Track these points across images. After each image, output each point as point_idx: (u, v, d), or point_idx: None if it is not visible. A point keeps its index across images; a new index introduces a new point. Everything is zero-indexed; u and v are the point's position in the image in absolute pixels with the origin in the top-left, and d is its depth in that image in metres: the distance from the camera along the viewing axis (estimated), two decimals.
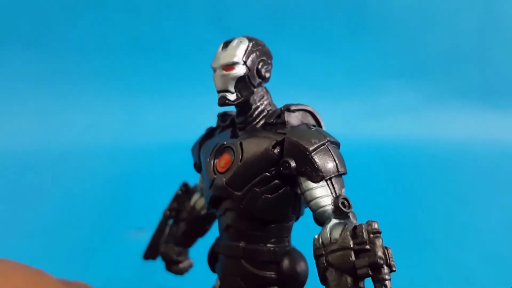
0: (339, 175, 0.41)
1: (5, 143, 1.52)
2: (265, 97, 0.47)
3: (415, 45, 1.85)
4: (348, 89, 1.80)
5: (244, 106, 0.46)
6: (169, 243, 0.60)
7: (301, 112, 0.46)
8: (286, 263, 0.43)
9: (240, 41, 0.45)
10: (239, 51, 0.44)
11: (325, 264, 0.37)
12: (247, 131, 0.46)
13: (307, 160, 0.40)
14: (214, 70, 0.45)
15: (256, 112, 0.46)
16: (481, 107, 1.86)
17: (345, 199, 0.40)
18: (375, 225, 0.36)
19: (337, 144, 0.44)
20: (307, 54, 1.75)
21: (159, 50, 1.74)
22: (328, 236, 0.38)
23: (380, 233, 0.36)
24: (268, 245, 0.44)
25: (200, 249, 0.57)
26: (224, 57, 0.44)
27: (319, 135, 0.43)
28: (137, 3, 1.71)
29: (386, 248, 0.36)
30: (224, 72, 0.44)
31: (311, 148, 0.40)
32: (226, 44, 0.45)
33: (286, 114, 0.44)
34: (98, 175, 1.36)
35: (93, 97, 1.71)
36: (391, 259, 0.36)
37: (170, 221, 0.61)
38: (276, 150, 0.42)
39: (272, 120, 0.45)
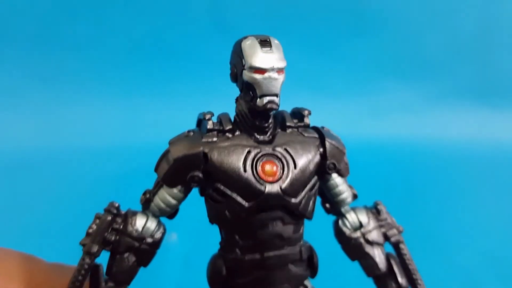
0: None
1: (4, 143, 1.52)
2: None
3: (415, 45, 1.85)
4: (348, 89, 1.80)
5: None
6: (108, 286, 0.45)
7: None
8: (315, 255, 0.48)
9: (278, 43, 0.43)
10: (282, 54, 0.43)
11: (365, 242, 0.48)
12: (272, 135, 0.45)
13: (343, 159, 0.48)
14: (262, 71, 0.41)
15: (272, 116, 0.45)
16: (481, 107, 1.86)
17: (352, 187, 0.51)
18: (382, 203, 0.52)
19: None
20: (307, 54, 1.75)
21: (159, 50, 1.73)
22: (357, 220, 0.49)
23: (386, 208, 0.51)
24: (301, 242, 0.47)
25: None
26: (277, 60, 0.41)
27: (336, 135, 0.49)
28: (137, 3, 1.70)
29: None
30: (277, 76, 0.41)
31: (344, 150, 0.48)
32: (267, 43, 0.42)
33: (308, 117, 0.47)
34: (98, 175, 1.36)
35: (93, 97, 1.70)
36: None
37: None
38: (319, 153, 0.46)
39: (294, 124, 0.47)
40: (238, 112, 0.45)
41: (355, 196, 0.51)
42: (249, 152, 0.43)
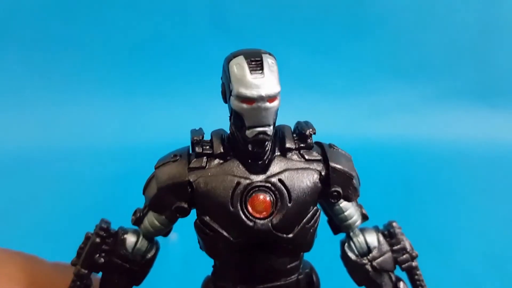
0: None
1: (5, 143, 1.52)
2: None
3: (414, 45, 1.85)
4: (348, 89, 1.80)
5: None
6: None
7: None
8: (315, 278, 0.45)
9: (273, 62, 0.36)
10: (277, 75, 0.36)
11: (372, 270, 0.44)
12: (268, 161, 0.40)
13: (350, 184, 0.42)
14: (251, 101, 0.35)
15: (271, 139, 0.39)
16: (481, 107, 1.85)
17: (362, 207, 0.47)
18: (397, 224, 0.46)
19: None
20: (307, 55, 1.75)
21: (159, 50, 1.73)
22: (365, 245, 0.45)
23: (401, 229, 0.46)
24: (301, 270, 0.44)
25: None
26: (268, 86, 0.34)
27: (348, 156, 0.44)
28: (137, 4, 1.70)
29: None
30: (269, 105, 0.35)
31: (354, 174, 0.43)
32: (258, 65, 0.35)
33: (311, 138, 0.42)
34: (98, 175, 1.36)
35: (94, 97, 1.70)
36: (414, 249, 0.46)
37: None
38: (321, 180, 0.41)
39: (295, 146, 0.41)
40: (231, 134, 0.40)
41: (364, 217, 0.46)
42: (238, 183, 0.38)
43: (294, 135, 0.42)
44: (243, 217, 0.38)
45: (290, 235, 0.39)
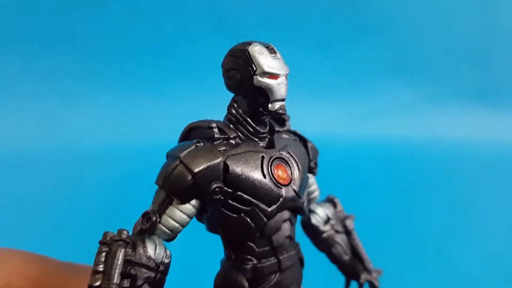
0: None
1: (5, 143, 1.52)
2: None
3: (414, 45, 1.85)
4: (348, 89, 1.80)
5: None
6: None
7: None
8: (302, 254, 0.49)
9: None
10: None
11: (334, 232, 0.55)
12: (272, 140, 0.46)
13: (316, 159, 0.52)
14: (276, 76, 0.42)
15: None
16: (481, 107, 1.86)
17: None
18: (334, 196, 0.58)
19: None
20: (307, 55, 1.75)
21: (159, 50, 1.73)
22: (324, 214, 0.55)
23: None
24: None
25: None
26: (284, 65, 0.43)
27: None
28: (138, 4, 1.70)
29: None
30: (286, 81, 0.43)
31: (318, 150, 0.51)
32: (273, 50, 0.43)
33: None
34: (98, 175, 1.36)
35: (94, 97, 1.70)
36: None
37: None
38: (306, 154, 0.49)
39: (279, 128, 0.49)
40: (236, 120, 0.44)
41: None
42: (262, 157, 0.43)
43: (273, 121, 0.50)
44: (274, 185, 0.42)
45: (302, 200, 0.45)
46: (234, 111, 0.44)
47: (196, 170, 0.40)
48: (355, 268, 0.57)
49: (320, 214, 0.55)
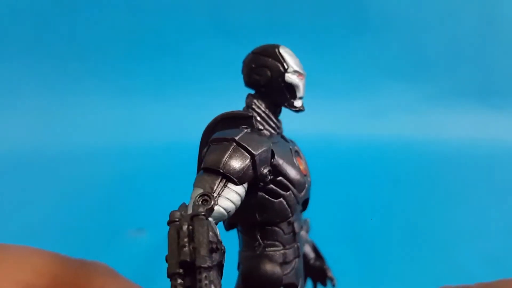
0: None
1: (5, 143, 1.52)
2: None
3: (415, 45, 1.85)
4: (348, 89, 1.80)
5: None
6: None
7: None
8: None
9: None
10: None
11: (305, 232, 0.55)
12: (282, 136, 0.49)
13: None
14: (302, 75, 0.48)
15: None
16: (481, 107, 1.85)
17: None
18: None
19: None
20: (307, 55, 1.75)
21: (159, 50, 1.73)
22: None
23: None
24: None
25: None
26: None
27: None
28: (137, 4, 1.70)
29: None
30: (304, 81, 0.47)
31: None
32: (293, 54, 0.48)
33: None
34: (98, 175, 1.36)
35: (94, 97, 1.70)
36: None
37: None
38: None
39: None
40: (258, 114, 0.47)
41: None
42: (290, 148, 0.47)
43: None
44: (301, 174, 0.46)
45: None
46: (255, 107, 0.47)
47: (256, 152, 0.41)
48: (321, 267, 0.58)
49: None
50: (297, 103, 0.47)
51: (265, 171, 0.42)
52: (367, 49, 1.82)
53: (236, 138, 0.41)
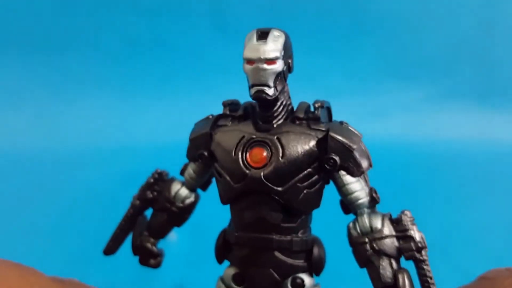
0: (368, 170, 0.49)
1: (5, 143, 1.52)
2: (288, 91, 0.48)
3: (415, 45, 1.85)
4: (348, 89, 1.80)
5: (273, 100, 0.44)
6: (144, 235, 0.56)
7: (325, 109, 0.49)
8: (316, 250, 0.48)
9: (279, 35, 0.43)
10: (280, 45, 0.42)
11: (370, 249, 0.44)
12: (276, 125, 0.46)
13: (350, 157, 0.46)
14: (251, 61, 0.42)
15: (282, 106, 0.46)
16: (481, 107, 1.85)
17: (376, 191, 0.49)
18: (410, 213, 0.47)
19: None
20: (307, 55, 1.75)
21: (159, 50, 1.74)
22: (368, 225, 0.45)
23: (414, 219, 0.47)
24: (299, 235, 0.47)
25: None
26: (267, 51, 0.41)
27: (355, 133, 0.49)
28: (137, 4, 1.71)
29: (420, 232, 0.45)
30: (266, 66, 0.41)
31: (354, 146, 0.46)
32: (264, 35, 0.42)
33: (320, 110, 0.47)
34: (98, 175, 1.36)
35: (94, 97, 1.71)
36: (425, 242, 0.45)
37: (147, 212, 0.58)
38: (319, 147, 0.45)
39: (304, 115, 0.47)
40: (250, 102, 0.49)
41: (373, 199, 0.48)
42: (243, 137, 0.45)
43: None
44: (241, 164, 0.44)
45: (280, 188, 0.44)
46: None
47: (191, 137, 0.51)
48: None
49: (361, 222, 0.46)
50: (250, 91, 0.43)
51: (199, 153, 0.49)
52: (367, 49, 1.82)
53: (195, 123, 0.52)
